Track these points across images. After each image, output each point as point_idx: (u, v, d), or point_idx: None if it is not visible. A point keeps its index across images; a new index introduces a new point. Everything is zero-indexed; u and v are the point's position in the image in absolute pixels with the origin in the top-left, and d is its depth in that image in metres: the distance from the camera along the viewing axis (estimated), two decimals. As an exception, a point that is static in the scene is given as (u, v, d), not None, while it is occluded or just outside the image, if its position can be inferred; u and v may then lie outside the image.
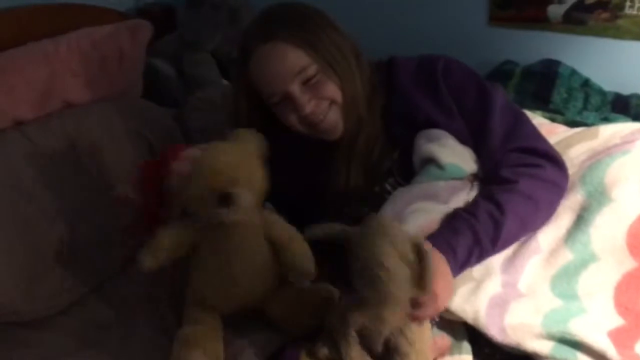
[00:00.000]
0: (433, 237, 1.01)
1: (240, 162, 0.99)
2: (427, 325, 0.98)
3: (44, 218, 1.30)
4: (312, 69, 1.10)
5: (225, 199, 0.96)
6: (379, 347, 0.94)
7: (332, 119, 1.15)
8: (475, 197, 1.09)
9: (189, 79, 1.82)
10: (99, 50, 1.46)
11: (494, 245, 1.03)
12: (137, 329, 1.22)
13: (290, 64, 1.10)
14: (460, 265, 1.00)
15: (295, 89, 1.11)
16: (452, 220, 1.04)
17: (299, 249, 1.05)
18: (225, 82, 1.83)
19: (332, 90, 1.13)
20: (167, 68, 1.80)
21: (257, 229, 1.06)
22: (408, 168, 1.16)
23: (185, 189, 0.99)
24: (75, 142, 1.39)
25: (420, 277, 0.90)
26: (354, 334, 0.94)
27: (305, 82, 1.11)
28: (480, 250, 1.01)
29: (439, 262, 0.96)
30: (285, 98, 1.12)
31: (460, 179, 1.12)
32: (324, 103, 1.13)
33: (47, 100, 1.40)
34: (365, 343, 0.95)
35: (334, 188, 1.18)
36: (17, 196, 1.28)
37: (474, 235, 1.01)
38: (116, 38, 1.49)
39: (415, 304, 0.92)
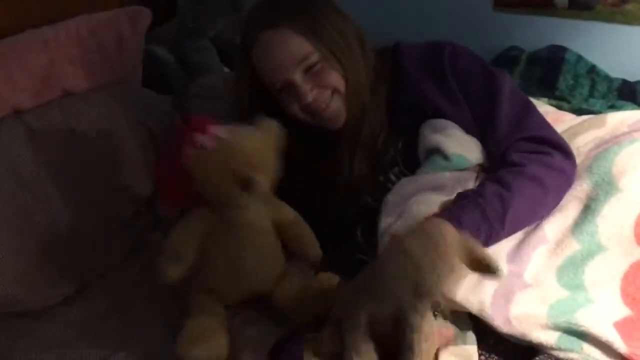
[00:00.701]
0: (439, 213, 0.99)
1: (263, 150, 1.01)
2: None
3: (44, 207, 1.29)
4: (314, 57, 1.09)
5: (247, 183, 0.97)
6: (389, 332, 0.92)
7: (335, 108, 1.13)
8: (482, 179, 1.08)
9: (189, 66, 1.81)
10: (98, 37, 1.45)
11: (502, 224, 1.00)
12: (138, 318, 1.22)
13: (293, 52, 1.08)
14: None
15: (297, 77, 1.09)
16: (458, 200, 1.02)
17: (306, 233, 1.08)
18: (226, 69, 1.81)
19: (335, 78, 1.11)
20: (166, 55, 1.79)
21: (266, 218, 1.07)
22: (413, 157, 1.15)
23: (208, 167, 0.99)
24: (75, 130, 1.39)
25: None
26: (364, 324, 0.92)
27: (308, 71, 1.10)
28: (488, 227, 0.99)
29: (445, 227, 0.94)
30: (287, 86, 1.11)
31: (466, 169, 1.10)
32: (327, 92, 1.12)
33: (46, 88, 1.39)
34: (377, 334, 0.93)
35: (338, 177, 1.17)
36: (16, 185, 1.28)
37: (481, 212, 0.99)
38: (115, 25, 1.48)
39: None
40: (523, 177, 1.03)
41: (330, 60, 1.11)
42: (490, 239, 1.00)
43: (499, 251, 1.04)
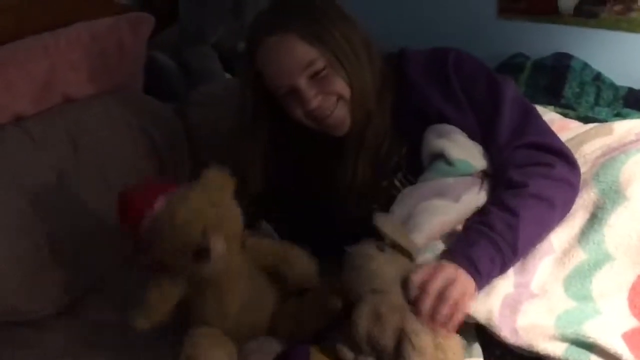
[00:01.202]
0: (450, 253, 0.99)
1: (207, 207, 0.96)
2: (455, 338, 0.95)
3: (44, 216, 1.29)
4: (320, 63, 1.08)
5: (200, 254, 0.94)
6: (389, 350, 0.91)
7: (340, 114, 1.12)
8: (486, 204, 1.06)
9: (191, 73, 1.80)
10: (100, 44, 1.44)
11: (515, 251, 0.99)
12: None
13: (298, 57, 1.08)
14: (484, 276, 0.96)
15: (302, 83, 1.09)
16: (467, 233, 1.01)
17: (298, 259, 1.05)
18: (228, 76, 1.81)
19: (340, 85, 1.10)
20: (168, 61, 1.78)
21: (242, 267, 1.04)
22: (417, 163, 1.14)
23: (157, 247, 0.97)
24: (76, 138, 1.38)
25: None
26: (363, 335, 0.91)
27: (313, 77, 1.09)
28: (502, 258, 0.98)
29: (439, 266, 0.94)
30: (292, 91, 1.10)
31: (470, 175, 1.09)
32: (331, 98, 1.11)
33: (47, 94, 1.39)
34: (379, 349, 0.92)
35: (341, 182, 1.16)
36: (16, 193, 1.27)
37: (493, 244, 0.98)
38: (117, 31, 1.47)
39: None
40: (529, 198, 1.02)
41: (336, 67, 1.10)
42: (504, 267, 1.00)
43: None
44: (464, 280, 0.94)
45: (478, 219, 1.03)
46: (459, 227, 1.06)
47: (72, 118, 1.40)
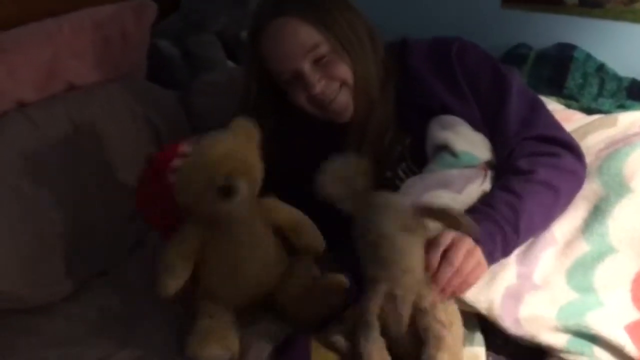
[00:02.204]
0: None
1: (235, 151, 0.98)
2: (456, 316, 0.95)
3: (47, 202, 1.28)
4: (324, 48, 1.09)
5: (225, 190, 0.95)
6: (403, 329, 0.91)
7: (343, 100, 1.13)
8: (491, 189, 1.06)
9: (194, 61, 1.79)
10: (103, 31, 1.43)
11: (517, 231, 0.99)
12: (143, 315, 1.21)
13: (302, 41, 1.08)
14: (487, 251, 0.95)
15: (306, 67, 1.09)
16: (469, 214, 1.00)
17: (307, 229, 1.06)
18: (231, 64, 1.80)
19: (344, 70, 1.11)
20: (170, 49, 1.77)
21: (258, 219, 1.05)
22: (420, 153, 1.14)
23: (184, 185, 0.98)
24: (79, 125, 1.37)
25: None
26: (375, 322, 0.91)
27: (317, 61, 1.09)
28: (503, 236, 0.98)
29: (455, 238, 0.93)
30: (295, 76, 1.11)
31: (474, 167, 1.09)
32: (335, 84, 1.11)
33: (50, 81, 1.37)
34: (391, 332, 0.92)
35: None
36: (19, 180, 1.26)
37: (494, 222, 0.98)
38: (120, 18, 1.46)
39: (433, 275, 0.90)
40: (534, 183, 1.02)
41: (340, 52, 1.10)
42: (507, 247, 0.99)
43: (509, 253, 1.03)
44: (480, 254, 0.94)
45: (482, 201, 1.03)
46: None
47: (75, 105, 1.39)
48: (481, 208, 1.01)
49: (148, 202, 1.07)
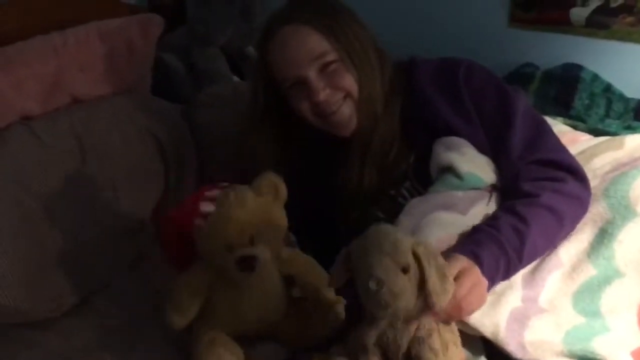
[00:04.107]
0: (456, 248, 0.97)
1: (260, 216, 0.95)
2: (456, 337, 0.94)
3: (49, 216, 1.27)
4: (330, 56, 1.09)
5: (245, 263, 0.93)
6: (400, 354, 0.90)
7: (346, 112, 1.12)
8: (496, 211, 1.05)
9: (199, 74, 1.79)
10: (108, 45, 1.43)
11: (520, 257, 0.98)
12: (144, 331, 1.20)
13: (310, 47, 1.09)
14: (489, 276, 0.95)
15: (312, 74, 1.09)
16: (474, 234, 1.00)
17: (318, 283, 1.04)
18: (235, 78, 1.80)
19: (349, 82, 1.11)
20: (176, 62, 1.78)
21: (272, 273, 1.03)
22: (425, 173, 1.13)
23: (204, 247, 0.97)
24: (83, 139, 1.37)
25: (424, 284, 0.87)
26: (374, 349, 0.91)
27: (322, 69, 1.10)
28: (507, 260, 0.97)
29: (464, 267, 0.92)
30: (300, 83, 1.11)
31: (479, 189, 1.08)
32: (339, 94, 1.11)
33: (54, 94, 1.38)
34: (388, 356, 0.92)
35: (347, 188, 1.16)
36: (22, 194, 1.26)
37: (499, 246, 0.97)
38: (126, 32, 1.46)
39: (431, 309, 0.88)
40: (538, 208, 1.01)
41: (346, 63, 1.10)
42: (508, 272, 0.98)
43: (515, 276, 1.01)
44: (484, 288, 0.93)
45: (486, 222, 1.02)
46: None
47: (79, 118, 1.39)
48: (486, 229, 1.00)
49: (169, 252, 1.05)
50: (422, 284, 0.87)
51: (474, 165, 1.09)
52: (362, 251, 0.88)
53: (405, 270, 0.86)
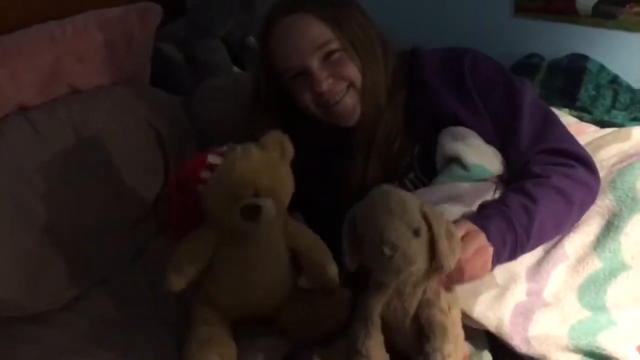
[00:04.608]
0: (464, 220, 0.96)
1: (265, 169, 0.95)
2: (456, 301, 0.93)
3: (47, 209, 1.26)
4: (334, 45, 1.08)
5: (249, 211, 0.92)
6: (407, 322, 0.90)
7: (349, 103, 1.11)
8: (505, 190, 1.04)
9: (199, 65, 1.77)
10: (107, 34, 1.42)
11: (528, 236, 0.97)
12: (143, 324, 1.19)
13: (313, 36, 1.08)
14: (495, 251, 0.93)
15: (314, 63, 1.08)
16: (483, 209, 0.99)
17: (324, 259, 1.02)
18: (236, 69, 1.79)
19: (352, 71, 1.10)
20: (175, 53, 1.76)
21: (278, 239, 1.02)
22: (429, 163, 1.12)
23: (210, 198, 0.96)
24: (81, 130, 1.36)
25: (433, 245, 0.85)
26: (377, 319, 0.89)
27: (325, 59, 1.09)
28: (514, 238, 0.95)
29: (470, 231, 0.91)
30: (303, 73, 1.10)
31: (485, 180, 1.07)
32: (342, 84, 1.10)
33: (52, 85, 1.36)
34: (392, 326, 0.90)
35: (351, 180, 1.15)
36: (20, 186, 1.25)
37: (507, 222, 0.95)
38: (125, 21, 1.44)
39: (438, 272, 0.88)
40: (548, 189, 1.00)
41: (350, 52, 1.09)
42: (515, 250, 0.97)
43: (520, 269, 1.01)
44: (489, 256, 0.92)
45: (496, 200, 1.02)
46: None
47: (77, 109, 1.37)
48: (495, 205, 0.99)
49: (171, 208, 1.04)
50: (430, 246, 0.85)
51: (481, 156, 1.08)
52: (369, 214, 0.85)
53: (417, 232, 0.83)
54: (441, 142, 1.10)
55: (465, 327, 0.96)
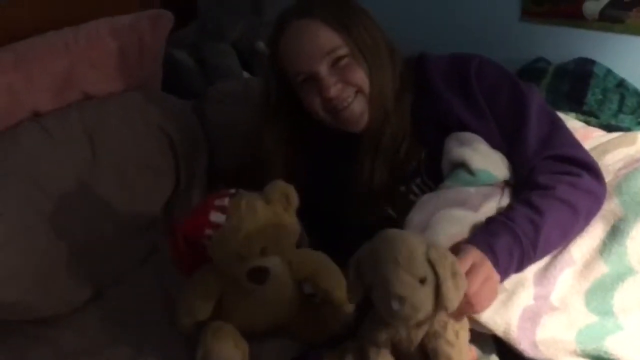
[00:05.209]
0: (470, 239, 0.97)
1: (271, 228, 0.95)
2: (464, 323, 0.94)
3: (60, 212, 1.28)
4: (342, 51, 1.09)
5: (256, 274, 0.93)
6: (413, 351, 0.92)
7: (357, 108, 1.12)
8: (511, 202, 1.05)
9: (209, 70, 1.79)
10: (120, 41, 1.43)
11: (535, 249, 0.98)
12: (155, 326, 1.20)
13: (322, 42, 1.09)
14: (503, 267, 0.94)
15: (323, 69, 1.09)
16: (489, 224, 1.00)
17: (330, 286, 1.04)
18: (246, 74, 1.80)
19: (360, 77, 1.11)
20: (186, 58, 1.77)
21: (285, 279, 1.03)
22: (436, 168, 1.13)
23: (216, 257, 0.97)
24: (94, 135, 1.37)
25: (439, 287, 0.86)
26: (387, 343, 0.91)
27: (334, 64, 1.10)
28: (520, 253, 0.96)
29: (475, 262, 0.92)
30: (311, 78, 1.11)
31: (491, 185, 1.08)
32: (350, 89, 1.11)
33: (66, 91, 1.38)
34: (401, 350, 0.92)
35: (359, 185, 1.16)
36: (33, 190, 1.26)
37: (514, 237, 0.96)
38: (137, 28, 1.46)
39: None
40: (554, 200, 1.00)
41: (358, 58, 1.10)
42: (522, 264, 0.98)
43: (527, 273, 1.01)
44: (496, 283, 0.93)
45: (502, 213, 1.02)
46: None
47: (90, 115, 1.39)
48: (501, 219, 0.99)
49: (178, 261, 1.06)
50: (436, 287, 0.87)
51: (487, 161, 1.08)
52: (375, 261, 0.87)
53: (423, 281, 0.85)
54: (447, 147, 1.10)
55: (473, 332, 0.97)
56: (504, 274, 0.95)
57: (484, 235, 0.97)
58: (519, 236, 0.96)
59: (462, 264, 0.89)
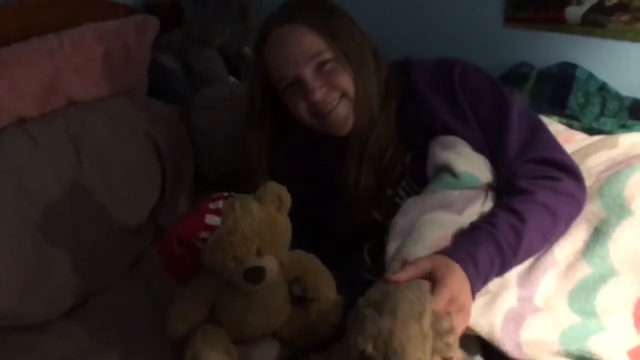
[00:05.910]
0: (453, 250, 0.97)
1: (266, 228, 0.96)
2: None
3: (45, 219, 1.28)
4: (327, 55, 1.10)
5: (252, 274, 0.94)
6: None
7: (342, 112, 1.13)
8: (493, 208, 1.06)
9: (195, 76, 1.79)
10: (104, 46, 1.43)
11: (515, 255, 0.99)
12: (140, 332, 1.21)
13: (306, 46, 1.09)
14: (483, 278, 0.95)
15: (308, 73, 1.10)
16: (472, 232, 1.00)
17: (320, 287, 1.05)
18: (232, 79, 1.80)
19: (345, 81, 1.11)
20: (172, 64, 1.77)
21: (278, 281, 1.04)
22: (421, 172, 1.13)
23: (211, 260, 0.97)
24: (79, 141, 1.37)
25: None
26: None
27: (318, 69, 1.10)
28: (502, 260, 0.97)
29: (451, 295, 0.91)
30: (296, 83, 1.11)
31: (475, 188, 1.08)
32: (335, 93, 1.12)
33: (50, 96, 1.38)
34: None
35: (345, 189, 1.16)
36: (18, 196, 1.27)
37: (496, 245, 0.97)
38: (122, 34, 1.46)
39: None
40: (534, 205, 1.01)
41: (342, 62, 1.11)
42: (503, 270, 0.99)
43: (510, 275, 1.02)
44: (469, 308, 0.93)
45: (484, 219, 1.02)
46: None
47: (75, 120, 1.39)
48: (483, 226, 1.00)
49: (170, 264, 1.05)
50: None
51: (470, 164, 1.09)
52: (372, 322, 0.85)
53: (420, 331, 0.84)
54: (431, 151, 1.11)
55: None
56: (484, 282, 0.96)
57: (466, 246, 0.97)
58: (501, 243, 0.97)
59: (439, 302, 0.89)
